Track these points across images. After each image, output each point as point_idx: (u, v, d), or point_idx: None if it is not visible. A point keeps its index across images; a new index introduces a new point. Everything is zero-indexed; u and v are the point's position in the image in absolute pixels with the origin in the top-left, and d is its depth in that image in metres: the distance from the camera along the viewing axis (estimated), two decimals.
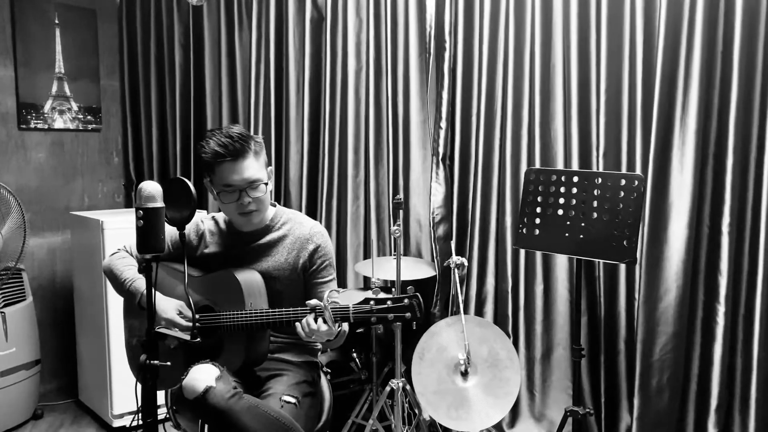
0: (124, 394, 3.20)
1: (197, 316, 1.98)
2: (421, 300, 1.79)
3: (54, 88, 3.74)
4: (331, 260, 2.10)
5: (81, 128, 3.89)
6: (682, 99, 2.48)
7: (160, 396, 2.21)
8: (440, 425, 2.95)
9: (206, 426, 1.99)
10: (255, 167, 1.97)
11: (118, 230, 3.15)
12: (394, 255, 2.97)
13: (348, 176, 3.26)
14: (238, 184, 1.96)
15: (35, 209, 3.65)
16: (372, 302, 1.80)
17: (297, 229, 2.08)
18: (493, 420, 2.60)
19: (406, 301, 1.79)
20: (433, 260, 3.05)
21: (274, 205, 2.14)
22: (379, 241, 3.25)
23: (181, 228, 1.75)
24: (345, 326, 1.91)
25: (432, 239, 2.98)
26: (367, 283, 3.29)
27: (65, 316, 3.74)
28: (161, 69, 3.96)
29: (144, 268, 1.62)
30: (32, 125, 3.67)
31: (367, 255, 3.30)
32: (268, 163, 2.08)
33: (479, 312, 3.02)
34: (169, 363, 1.64)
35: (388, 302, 1.79)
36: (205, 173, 2.04)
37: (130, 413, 3.23)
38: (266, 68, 3.48)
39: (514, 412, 2.97)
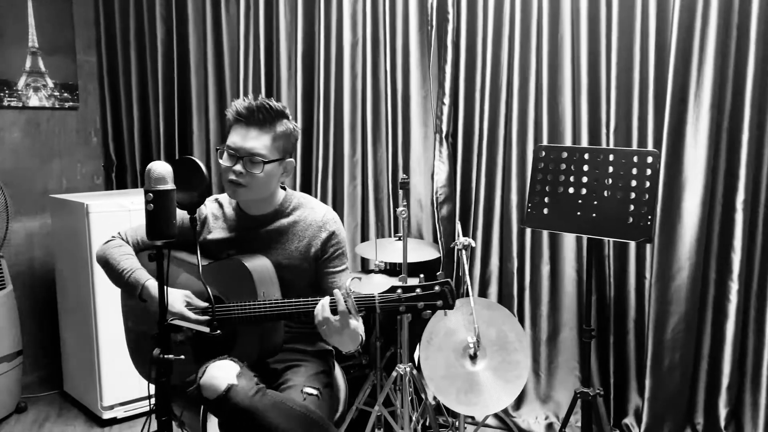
0: (114, 385, 3.06)
1: (205, 306, 1.86)
2: (453, 286, 1.69)
3: (28, 64, 3.53)
4: (344, 249, 1.97)
5: (57, 106, 3.69)
6: (697, 73, 2.42)
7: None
8: (445, 408, 2.89)
9: (207, 417, 1.88)
10: (263, 142, 1.82)
11: (104, 214, 2.99)
12: (396, 237, 2.89)
13: (344, 155, 3.14)
14: (237, 150, 1.82)
15: (11, 192, 3.45)
16: (399, 290, 1.69)
17: (309, 215, 1.94)
18: (503, 404, 2.54)
19: (437, 288, 1.67)
20: (435, 241, 2.96)
21: (284, 189, 1.99)
22: (378, 223, 3.15)
23: (191, 212, 1.63)
24: (360, 328, 1.78)
25: (436, 219, 2.89)
26: (365, 266, 3.20)
27: (46, 304, 3.56)
28: (142, 44, 3.77)
29: (155, 256, 1.49)
30: (5, 103, 3.46)
31: (365, 237, 3.20)
32: (290, 156, 1.91)
33: (483, 293, 2.95)
34: (183, 357, 1.52)
35: (417, 290, 1.68)
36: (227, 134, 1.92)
37: (121, 404, 3.10)
38: (255, 42, 3.33)
39: (520, 395, 2.90)
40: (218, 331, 1.53)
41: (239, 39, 3.36)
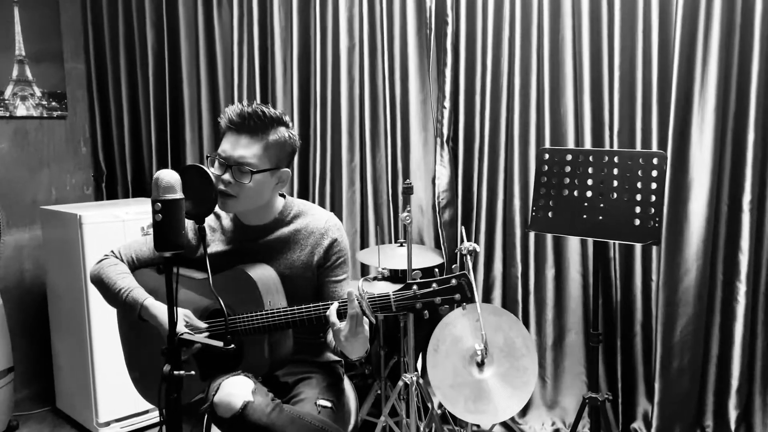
0: (110, 400, 2.98)
1: (207, 324, 1.79)
2: (470, 279, 1.64)
3: (15, 72, 3.44)
4: (347, 257, 1.91)
5: (45, 116, 3.60)
6: (701, 73, 2.41)
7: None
8: (452, 417, 2.84)
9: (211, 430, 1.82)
10: (253, 151, 1.74)
11: (98, 225, 2.92)
12: (398, 243, 2.84)
13: (342, 161, 3.10)
14: (226, 158, 1.75)
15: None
16: (415, 286, 1.64)
17: (311, 223, 1.88)
18: (512, 411, 2.50)
19: (453, 281, 1.62)
20: (437, 247, 2.92)
21: (284, 196, 1.93)
22: (378, 228, 3.10)
23: (199, 221, 1.57)
24: (366, 330, 1.70)
25: (438, 225, 2.85)
26: (365, 273, 3.15)
27: (37, 318, 3.47)
28: (131, 51, 3.70)
29: (164, 269, 1.43)
30: None
31: (364, 243, 3.15)
32: (286, 166, 1.83)
33: (487, 298, 2.91)
34: (193, 372, 1.46)
35: (434, 285, 1.63)
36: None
37: (117, 420, 3.01)
38: (249, 48, 3.27)
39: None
40: (232, 345, 1.47)
41: (233, 45, 3.30)
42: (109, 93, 3.78)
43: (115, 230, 2.95)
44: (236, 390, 1.60)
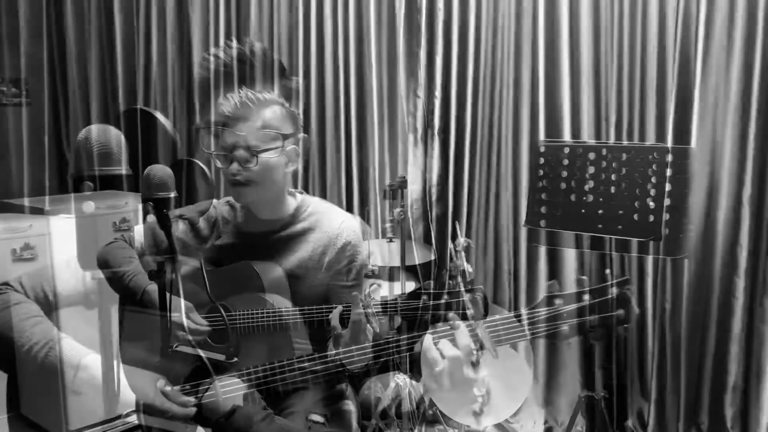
0: (82, 405, 2.80)
1: (208, 321, 1.67)
2: (485, 295, 1.55)
3: None
4: (359, 262, 1.81)
5: (4, 102, 3.39)
6: (702, 63, 2.35)
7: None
8: (442, 415, 2.76)
9: None
10: (251, 130, 1.67)
11: (65, 221, 2.73)
12: (386, 239, 2.73)
13: (326, 153, 2.98)
14: (227, 147, 1.68)
15: None
16: (425, 296, 1.55)
17: (326, 222, 1.79)
18: (509, 412, 2.43)
19: (467, 295, 1.54)
20: (427, 242, 2.82)
21: (302, 193, 1.85)
22: (363, 224, 2.99)
23: (193, 222, 1.44)
24: (369, 339, 1.59)
25: (430, 220, 2.75)
26: None
27: None
28: (98, 35, 3.49)
29: (156, 273, 1.29)
30: None
31: None
32: (292, 143, 1.75)
33: None
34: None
35: (445, 296, 1.54)
36: None
37: (90, 427, 2.84)
38: (227, 32, 3.11)
39: None
40: (234, 360, 1.35)
41: (209, 28, 3.14)
42: (74, 79, 3.57)
43: (84, 226, 2.76)
44: (227, 392, 1.51)
